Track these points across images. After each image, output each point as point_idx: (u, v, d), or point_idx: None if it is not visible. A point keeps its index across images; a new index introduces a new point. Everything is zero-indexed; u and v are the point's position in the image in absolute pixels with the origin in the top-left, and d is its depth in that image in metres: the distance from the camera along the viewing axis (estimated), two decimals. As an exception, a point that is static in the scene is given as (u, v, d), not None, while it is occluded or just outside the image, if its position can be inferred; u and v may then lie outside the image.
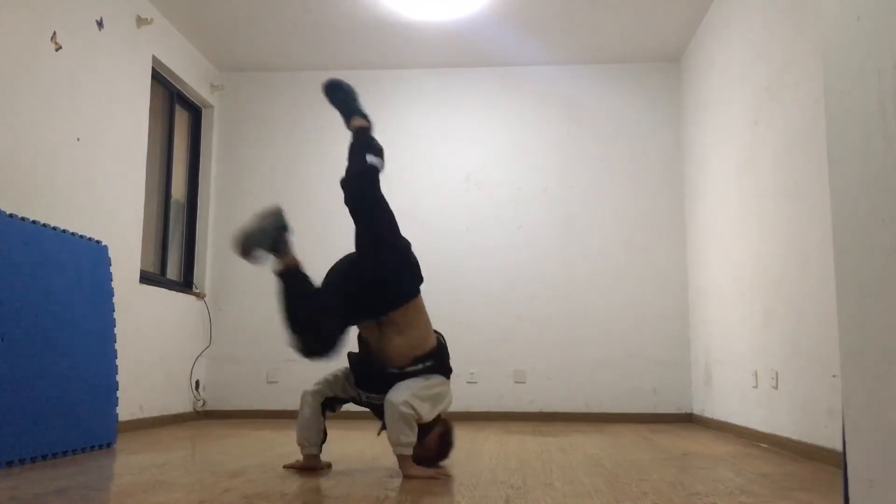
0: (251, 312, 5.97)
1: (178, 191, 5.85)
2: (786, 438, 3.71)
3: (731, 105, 4.66)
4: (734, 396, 4.59)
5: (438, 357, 3.00)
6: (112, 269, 4.04)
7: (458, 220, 6.01)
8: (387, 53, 5.91)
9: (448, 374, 3.04)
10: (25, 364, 3.20)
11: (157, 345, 5.08)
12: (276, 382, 5.86)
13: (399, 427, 2.77)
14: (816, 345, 3.36)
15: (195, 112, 6.10)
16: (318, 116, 6.23)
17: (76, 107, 4.20)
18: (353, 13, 5.23)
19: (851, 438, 1.42)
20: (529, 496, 2.41)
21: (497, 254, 5.94)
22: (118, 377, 3.93)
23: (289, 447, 3.83)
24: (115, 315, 3.99)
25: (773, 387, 3.89)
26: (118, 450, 3.71)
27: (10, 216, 3.32)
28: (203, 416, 5.74)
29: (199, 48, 5.81)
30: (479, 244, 5.96)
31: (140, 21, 4.87)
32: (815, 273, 3.36)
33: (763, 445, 3.95)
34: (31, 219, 3.50)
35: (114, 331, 3.95)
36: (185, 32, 5.54)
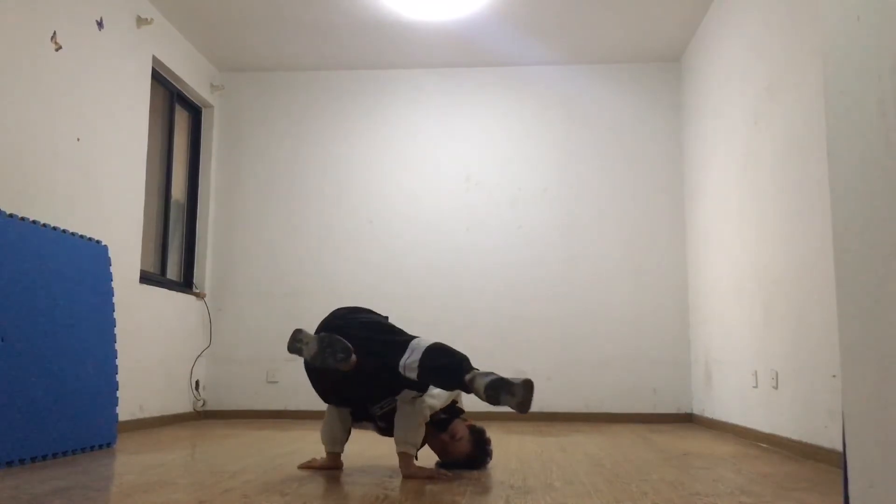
0: (251, 312, 5.97)
1: (178, 191, 5.84)
2: (786, 438, 3.71)
3: (731, 105, 4.66)
4: (734, 396, 4.59)
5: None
6: (112, 269, 4.04)
7: (458, 221, 6.01)
8: (387, 53, 5.91)
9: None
10: (25, 364, 3.20)
11: (157, 345, 5.07)
12: (276, 382, 5.86)
13: (410, 426, 2.78)
14: (816, 345, 3.36)
15: (195, 112, 6.10)
16: (318, 116, 6.24)
17: (76, 107, 4.20)
18: (353, 13, 5.23)
19: (851, 438, 1.42)
20: (529, 496, 2.42)
21: (497, 254, 5.93)
22: (118, 377, 3.93)
23: (289, 447, 3.83)
24: (115, 315, 3.99)
25: (773, 387, 3.89)
26: (118, 450, 3.71)
27: (10, 216, 3.32)
28: (203, 416, 5.74)
29: (199, 48, 5.81)
30: (479, 244, 5.95)
31: (140, 21, 4.87)
32: (815, 273, 3.36)
33: (763, 445, 3.95)
34: (31, 219, 3.50)
35: (114, 331, 3.95)
36: (185, 32, 5.54)
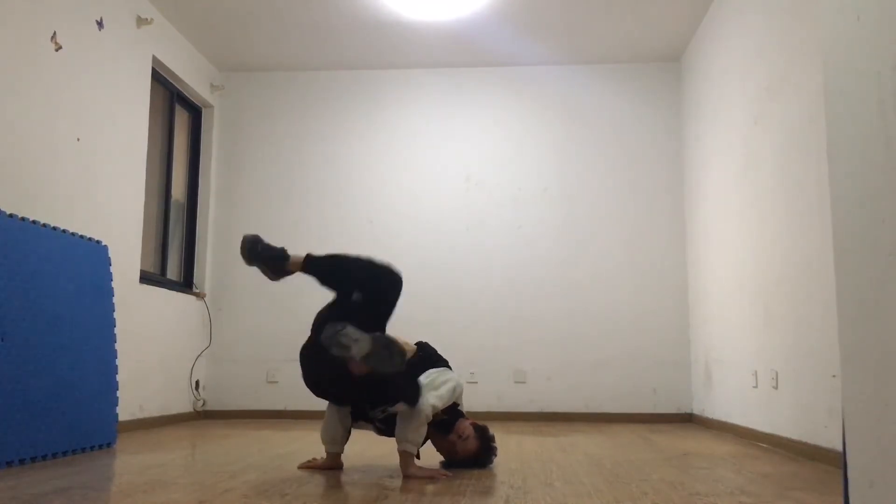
0: (251, 312, 5.97)
1: (178, 191, 5.84)
2: (786, 438, 3.71)
3: (731, 105, 4.66)
4: (734, 396, 4.59)
5: (420, 361, 3.05)
6: (112, 269, 4.04)
7: (458, 220, 6.01)
8: (387, 53, 5.91)
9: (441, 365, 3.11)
10: (25, 364, 3.20)
11: (157, 345, 5.08)
12: (276, 382, 5.86)
13: (413, 425, 2.78)
14: (816, 345, 3.36)
15: (195, 112, 6.10)
16: (318, 116, 6.24)
17: (76, 107, 4.20)
18: (353, 13, 5.23)
19: (851, 438, 1.42)
20: (529, 496, 2.42)
21: (497, 254, 5.94)
22: (118, 377, 3.93)
23: (289, 447, 3.83)
24: (115, 315, 3.99)
25: (773, 387, 3.89)
26: (118, 450, 3.71)
27: (10, 216, 3.32)
28: (203, 416, 5.74)
29: (199, 48, 5.81)
30: (479, 244, 5.95)
31: (140, 21, 4.87)
32: (815, 273, 3.36)
33: (763, 445, 3.95)
34: (31, 219, 3.50)
35: (114, 331, 3.95)
36: (185, 32, 5.54)
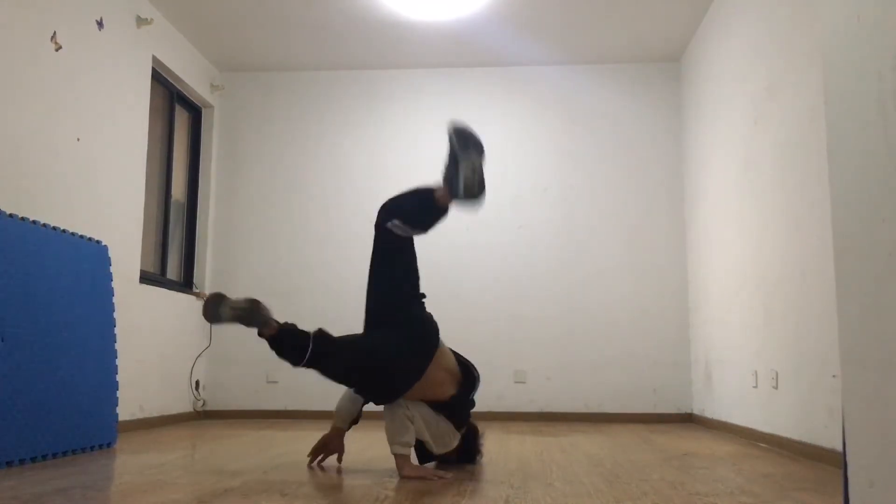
0: (251, 312, 5.97)
1: (178, 191, 5.84)
2: (786, 438, 3.71)
3: (731, 105, 4.66)
4: (734, 396, 4.59)
5: (450, 408, 2.95)
6: (112, 269, 4.04)
7: (458, 220, 6.00)
8: (387, 53, 5.91)
9: (459, 425, 3.01)
10: (25, 364, 3.20)
11: (157, 345, 5.08)
12: (276, 382, 5.86)
13: (396, 426, 2.79)
14: (816, 345, 3.36)
15: (195, 112, 6.10)
16: (318, 116, 6.24)
17: (76, 107, 4.20)
18: (353, 13, 5.23)
19: (851, 438, 1.42)
20: (529, 496, 2.41)
21: (497, 254, 5.93)
22: (118, 377, 3.93)
23: (289, 447, 3.83)
24: (115, 315, 3.99)
25: (773, 387, 3.89)
26: (118, 450, 3.71)
27: (10, 216, 3.32)
28: (203, 416, 5.74)
29: (199, 48, 5.81)
30: (479, 244, 5.95)
31: (140, 21, 4.87)
32: (815, 273, 3.36)
33: (763, 445, 3.95)
34: (31, 219, 3.50)
35: (114, 331, 3.95)
36: (185, 32, 5.54)
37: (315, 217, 6.07)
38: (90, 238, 3.93)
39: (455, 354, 3.08)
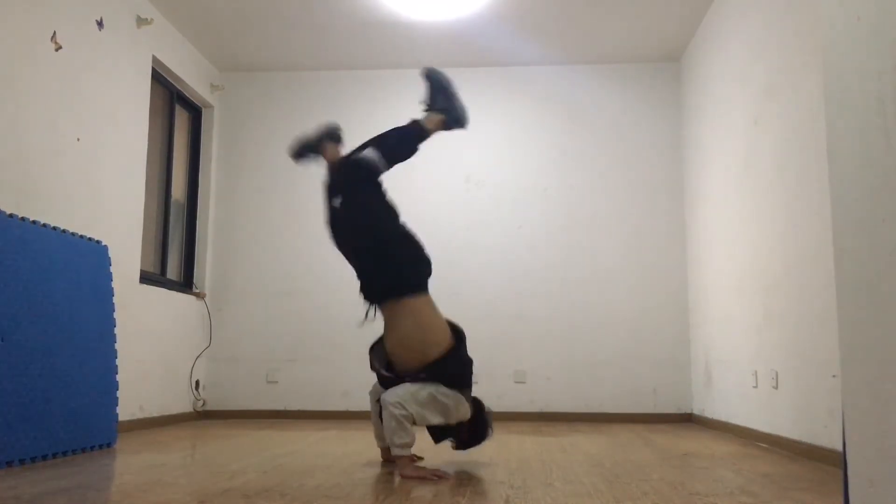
0: (251, 312, 5.97)
1: (178, 191, 5.84)
2: (786, 438, 3.71)
3: (731, 105, 4.66)
4: (734, 396, 4.59)
5: (441, 367, 2.96)
6: (112, 269, 4.04)
7: (458, 220, 6.01)
8: (387, 53, 5.91)
9: (458, 386, 3.00)
10: (26, 364, 3.20)
11: (157, 345, 5.08)
12: (276, 382, 5.86)
13: (392, 428, 2.80)
14: (816, 345, 3.36)
15: (195, 112, 6.10)
16: (318, 116, 6.23)
17: (76, 107, 4.20)
18: (353, 13, 5.23)
19: (851, 438, 1.42)
20: (529, 496, 2.41)
21: (497, 253, 5.93)
22: (118, 377, 3.93)
23: (289, 447, 3.83)
24: (115, 315, 3.99)
25: (773, 387, 3.89)
26: (118, 450, 3.71)
27: (10, 216, 3.32)
28: (203, 416, 5.74)
29: (199, 48, 5.81)
30: (479, 244, 5.95)
31: (140, 21, 4.87)
32: (815, 273, 3.36)
33: (763, 445, 3.95)
34: (31, 219, 3.50)
35: (114, 331, 3.95)
36: (185, 32, 5.54)
37: (315, 216, 6.06)
38: (90, 238, 3.93)
39: None
